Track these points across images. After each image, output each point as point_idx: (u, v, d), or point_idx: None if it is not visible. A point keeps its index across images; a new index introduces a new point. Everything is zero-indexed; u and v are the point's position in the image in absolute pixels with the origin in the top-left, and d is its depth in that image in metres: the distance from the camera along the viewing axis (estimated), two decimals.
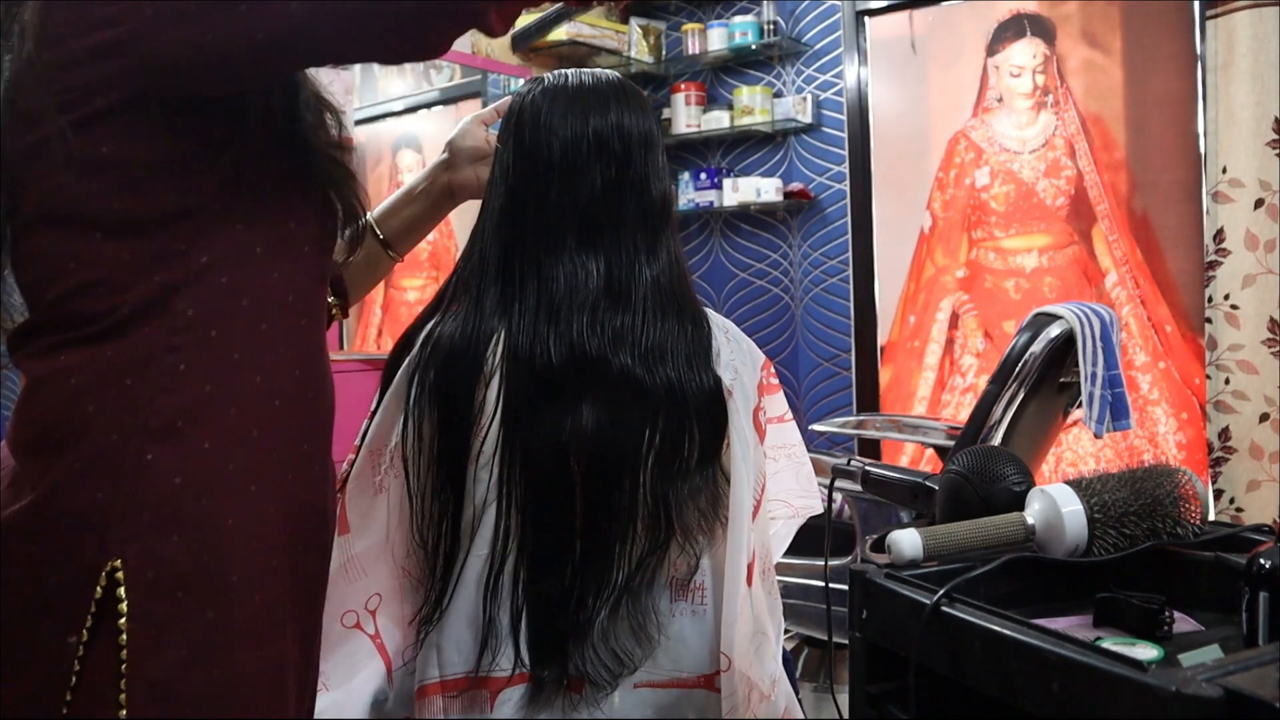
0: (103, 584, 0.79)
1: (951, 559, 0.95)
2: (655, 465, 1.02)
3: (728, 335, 1.12)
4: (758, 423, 1.10)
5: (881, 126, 3.25)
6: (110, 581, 0.80)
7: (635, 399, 1.02)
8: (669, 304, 1.07)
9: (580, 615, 1.02)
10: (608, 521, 1.02)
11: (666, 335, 1.05)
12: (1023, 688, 0.76)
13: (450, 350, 1.06)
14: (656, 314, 1.05)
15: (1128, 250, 2.84)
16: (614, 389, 1.02)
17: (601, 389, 1.02)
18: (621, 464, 1.02)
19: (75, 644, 0.79)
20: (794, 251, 3.41)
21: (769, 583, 1.12)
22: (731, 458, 1.05)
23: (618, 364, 1.02)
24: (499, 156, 1.11)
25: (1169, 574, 0.96)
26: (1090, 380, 1.90)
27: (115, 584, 0.80)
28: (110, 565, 0.80)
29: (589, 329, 1.03)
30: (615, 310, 1.04)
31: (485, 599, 1.03)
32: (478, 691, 1.04)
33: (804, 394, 3.40)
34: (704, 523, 1.05)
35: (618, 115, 1.09)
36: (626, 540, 1.02)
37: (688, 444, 1.04)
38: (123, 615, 0.79)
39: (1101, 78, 2.87)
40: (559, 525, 1.03)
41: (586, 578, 1.02)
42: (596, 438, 1.02)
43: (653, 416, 1.02)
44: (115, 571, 0.80)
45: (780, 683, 1.08)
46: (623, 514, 1.02)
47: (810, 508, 1.22)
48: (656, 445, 1.02)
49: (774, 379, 1.18)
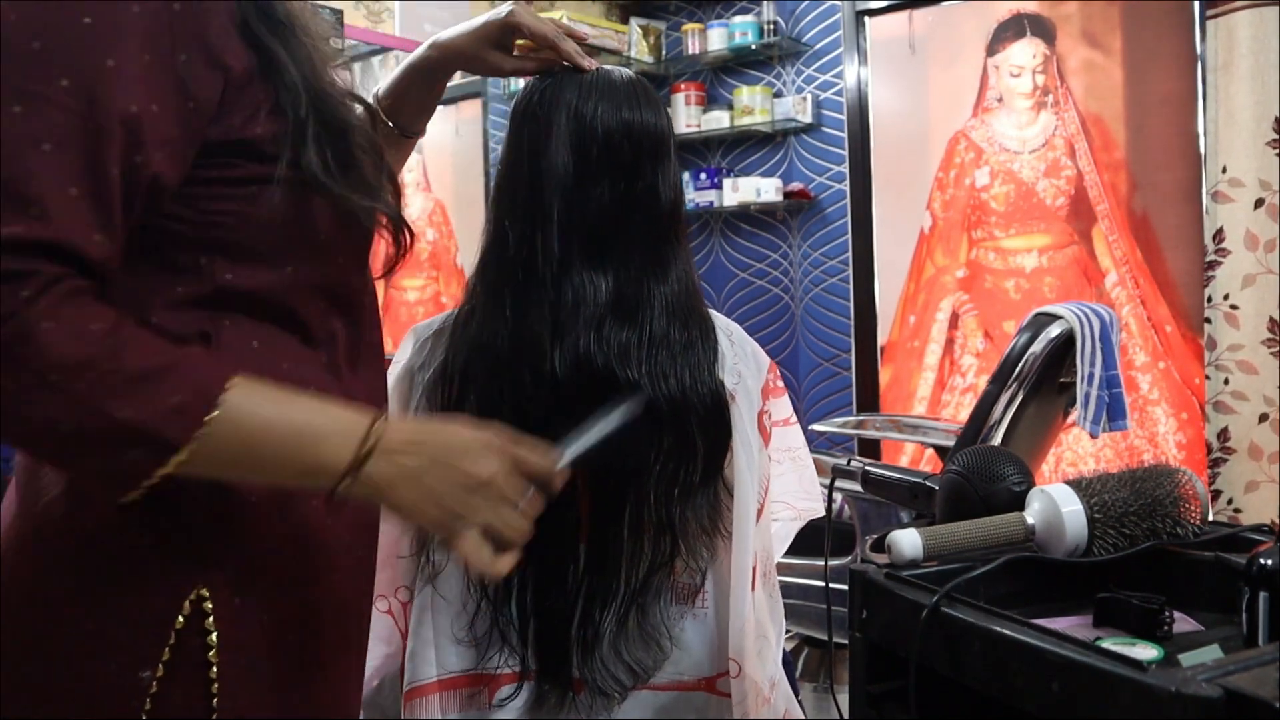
0: (185, 613, 0.73)
1: (951, 559, 0.95)
2: (660, 480, 1.02)
3: (731, 339, 1.11)
4: (762, 426, 1.10)
5: (881, 126, 3.25)
6: (195, 610, 0.74)
7: (642, 413, 1.02)
8: (676, 318, 1.04)
9: (587, 627, 1.01)
10: (613, 535, 1.02)
11: (674, 350, 1.03)
12: (1023, 688, 0.76)
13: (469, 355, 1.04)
14: (664, 329, 1.03)
15: (1128, 250, 2.84)
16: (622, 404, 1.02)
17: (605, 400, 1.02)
18: (626, 478, 1.01)
19: (149, 679, 0.73)
20: (794, 251, 3.41)
21: (770, 585, 1.12)
22: (735, 463, 1.05)
23: (624, 377, 1.01)
24: (505, 158, 1.09)
25: (1169, 574, 0.96)
26: (1087, 380, 1.90)
27: (202, 614, 0.74)
28: (196, 593, 0.74)
29: (595, 344, 1.01)
30: (622, 325, 1.02)
31: (484, 602, 1.03)
32: (475, 692, 1.04)
33: (804, 394, 3.40)
34: (705, 537, 1.04)
35: (630, 114, 1.05)
36: (631, 553, 1.02)
37: (692, 459, 1.03)
38: (212, 647, 0.74)
39: (1101, 78, 2.87)
40: (562, 536, 1.02)
41: (592, 589, 1.02)
42: (602, 451, 1.01)
43: (658, 431, 1.01)
44: (203, 600, 0.74)
45: (780, 684, 1.08)
46: (627, 528, 1.01)
47: (812, 510, 1.21)
48: (661, 460, 1.01)
49: (779, 382, 1.17)
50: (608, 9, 3.55)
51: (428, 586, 1.04)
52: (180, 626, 0.73)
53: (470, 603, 1.04)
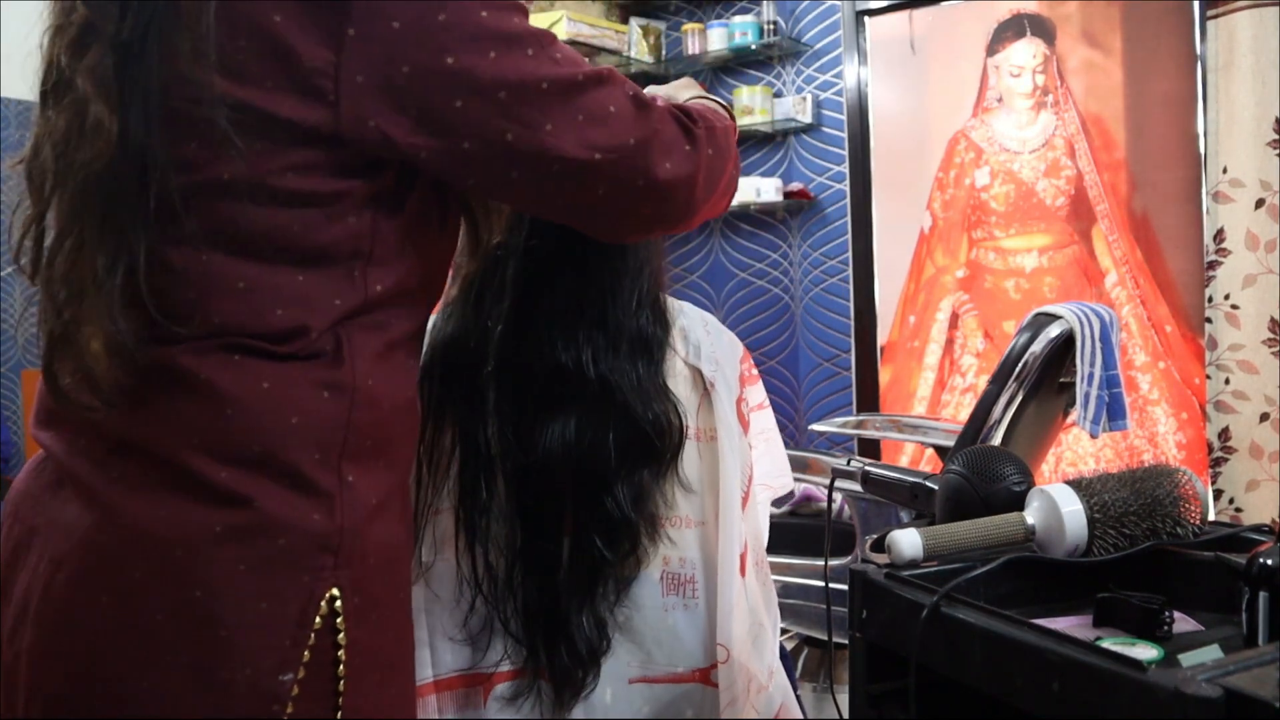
0: (323, 613, 0.76)
1: (951, 559, 0.95)
2: (620, 473, 1.03)
3: (707, 328, 1.14)
4: (741, 414, 1.11)
5: (881, 126, 3.25)
6: (331, 611, 0.76)
7: (608, 409, 1.03)
8: (640, 314, 1.08)
9: (576, 621, 1.03)
10: (592, 529, 1.03)
11: (634, 346, 1.06)
12: (1023, 688, 0.76)
13: (445, 354, 1.07)
14: (630, 325, 1.07)
15: (1128, 250, 2.84)
16: (590, 400, 1.03)
17: (577, 399, 1.03)
18: (598, 471, 1.02)
19: (290, 682, 0.74)
20: (794, 251, 3.41)
21: (763, 573, 1.12)
22: (719, 449, 1.06)
23: (590, 374, 1.03)
24: None
25: (1169, 574, 0.96)
26: (1086, 380, 1.90)
27: (335, 614, 0.76)
28: (329, 593, 0.76)
29: (563, 343, 1.04)
30: (590, 324, 1.05)
31: (478, 599, 1.04)
32: (471, 691, 1.04)
33: (804, 394, 3.40)
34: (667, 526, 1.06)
35: None
36: (608, 547, 1.03)
37: (649, 452, 1.04)
38: (341, 647, 0.76)
39: (1101, 78, 2.87)
40: (547, 532, 1.04)
41: (577, 583, 1.03)
42: (576, 446, 1.03)
43: (620, 425, 1.03)
44: (335, 600, 0.76)
45: (777, 675, 1.09)
46: (603, 522, 1.03)
47: (784, 485, 1.24)
48: (617, 453, 1.03)
49: (754, 370, 1.20)
50: (608, 9, 3.55)
51: (420, 585, 1.05)
52: (318, 627, 0.75)
53: (464, 600, 1.04)
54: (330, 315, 0.79)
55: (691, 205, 0.92)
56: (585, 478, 1.03)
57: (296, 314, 0.78)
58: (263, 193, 0.76)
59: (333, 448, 0.78)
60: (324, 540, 0.77)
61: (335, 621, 0.76)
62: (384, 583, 0.82)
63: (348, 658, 0.77)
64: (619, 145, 0.84)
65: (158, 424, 0.76)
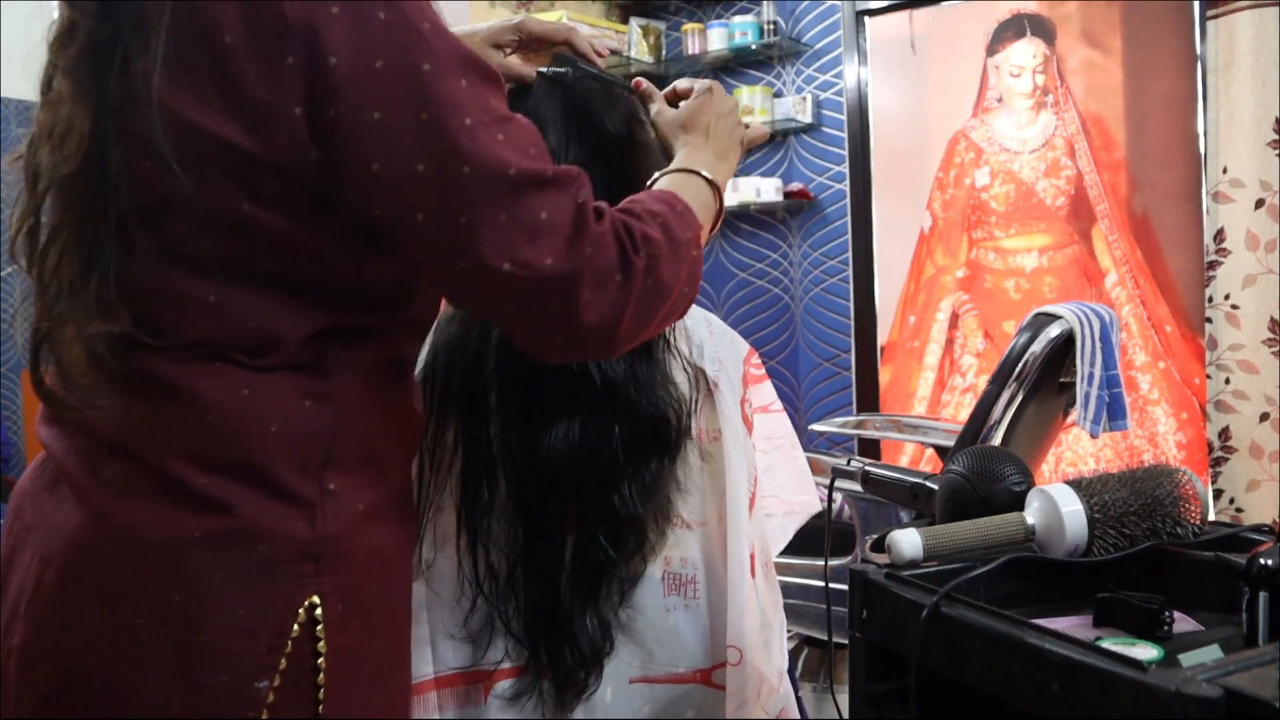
0: (301, 621, 0.75)
1: (951, 559, 0.95)
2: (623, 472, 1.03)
3: (710, 328, 1.13)
4: (744, 414, 1.11)
5: (881, 126, 3.25)
6: (309, 618, 0.75)
7: (612, 408, 1.03)
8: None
9: (579, 620, 1.02)
10: (595, 527, 1.03)
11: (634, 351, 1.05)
12: (1023, 688, 0.76)
13: (448, 353, 1.07)
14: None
15: (1128, 250, 2.84)
16: (593, 400, 1.03)
17: (579, 400, 1.03)
18: (600, 471, 1.02)
19: (265, 689, 0.74)
20: (794, 252, 3.41)
21: (770, 576, 1.12)
22: (724, 449, 1.06)
23: (594, 374, 1.03)
24: None
25: (1169, 574, 0.96)
26: (1086, 380, 1.90)
27: (314, 621, 0.75)
28: (309, 601, 0.75)
29: None
30: None
31: (479, 597, 1.04)
32: (472, 688, 1.04)
33: (804, 394, 3.40)
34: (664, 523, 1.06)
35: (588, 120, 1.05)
36: (610, 546, 1.03)
37: (651, 444, 1.04)
38: (321, 655, 0.76)
39: (1101, 78, 2.87)
40: (551, 530, 1.04)
41: (579, 582, 1.03)
42: (580, 447, 1.03)
43: (623, 423, 1.03)
44: (315, 608, 0.76)
45: (786, 678, 1.09)
46: (604, 521, 1.03)
47: (809, 505, 1.22)
48: (623, 453, 1.03)
49: (759, 369, 1.18)
50: (608, 9, 3.56)
51: (421, 584, 1.05)
52: (295, 635, 0.75)
53: (465, 599, 1.04)
54: (305, 328, 0.78)
55: (611, 345, 0.82)
56: (590, 478, 1.02)
57: (269, 326, 0.77)
58: (215, 219, 0.74)
59: (314, 456, 0.77)
60: (304, 548, 0.76)
61: (315, 629, 0.76)
62: (375, 588, 0.81)
63: (329, 664, 0.76)
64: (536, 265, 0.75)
65: (144, 428, 0.76)
